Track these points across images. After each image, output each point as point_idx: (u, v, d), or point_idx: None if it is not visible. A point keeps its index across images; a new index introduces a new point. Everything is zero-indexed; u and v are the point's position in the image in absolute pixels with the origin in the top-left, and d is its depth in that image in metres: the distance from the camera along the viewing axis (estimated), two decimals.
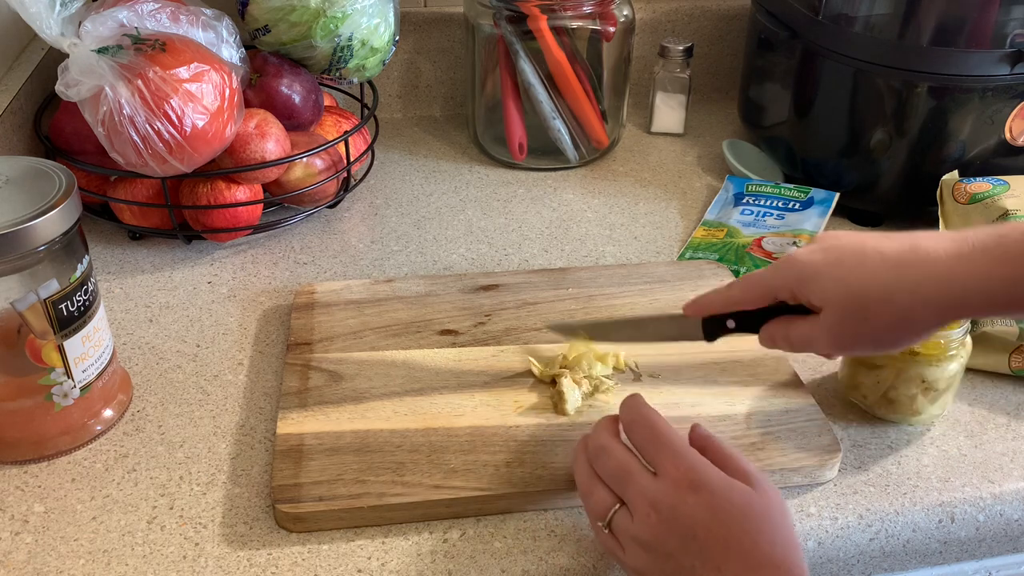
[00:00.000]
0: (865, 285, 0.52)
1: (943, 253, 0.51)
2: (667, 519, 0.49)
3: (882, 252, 0.52)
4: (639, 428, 0.54)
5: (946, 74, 0.82)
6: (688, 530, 0.48)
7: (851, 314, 0.53)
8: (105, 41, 0.75)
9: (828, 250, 0.54)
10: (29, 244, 0.55)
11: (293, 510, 0.57)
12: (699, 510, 0.49)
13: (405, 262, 0.86)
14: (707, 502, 0.49)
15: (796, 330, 0.56)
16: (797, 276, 0.55)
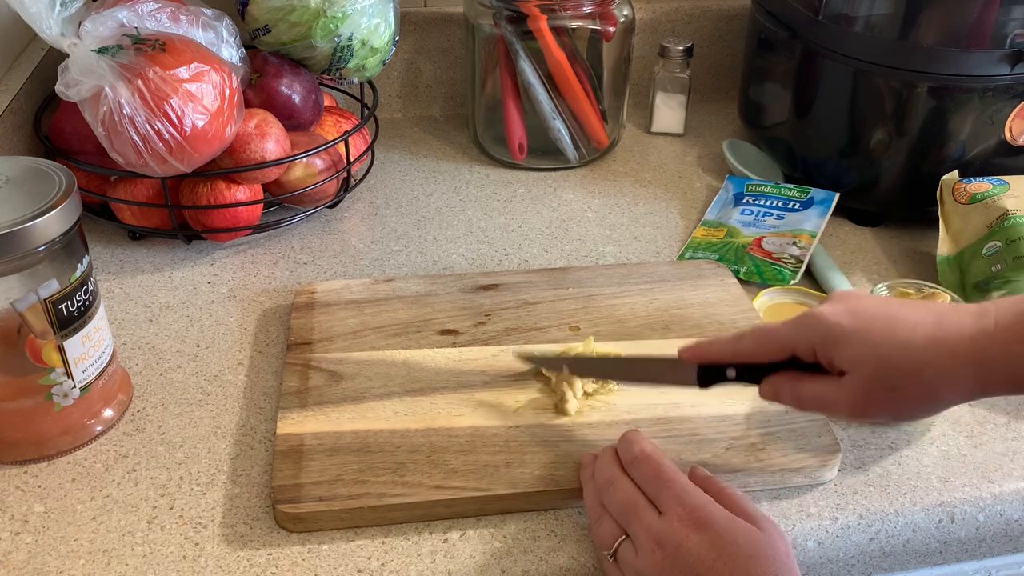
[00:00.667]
0: (896, 356, 0.51)
1: (967, 331, 0.50)
2: (671, 556, 0.50)
3: (914, 322, 0.51)
4: (641, 466, 0.55)
5: (946, 74, 0.82)
6: (692, 569, 0.49)
7: (878, 383, 0.52)
8: (105, 41, 0.75)
9: (855, 313, 0.53)
10: (29, 244, 0.55)
11: (293, 510, 0.57)
12: (703, 549, 0.49)
13: (405, 262, 0.86)
14: (712, 541, 0.49)
15: (809, 389, 0.54)
16: (823, 336, 0.53)
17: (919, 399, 0.52)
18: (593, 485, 0.57)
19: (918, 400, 0.52)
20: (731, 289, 0.78)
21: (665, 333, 0.73)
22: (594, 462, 0.58)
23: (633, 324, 0.74)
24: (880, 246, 0.90)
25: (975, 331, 0.50)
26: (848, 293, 0.55)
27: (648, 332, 0.73)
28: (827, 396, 0.53)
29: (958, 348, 0.50)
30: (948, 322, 0.51)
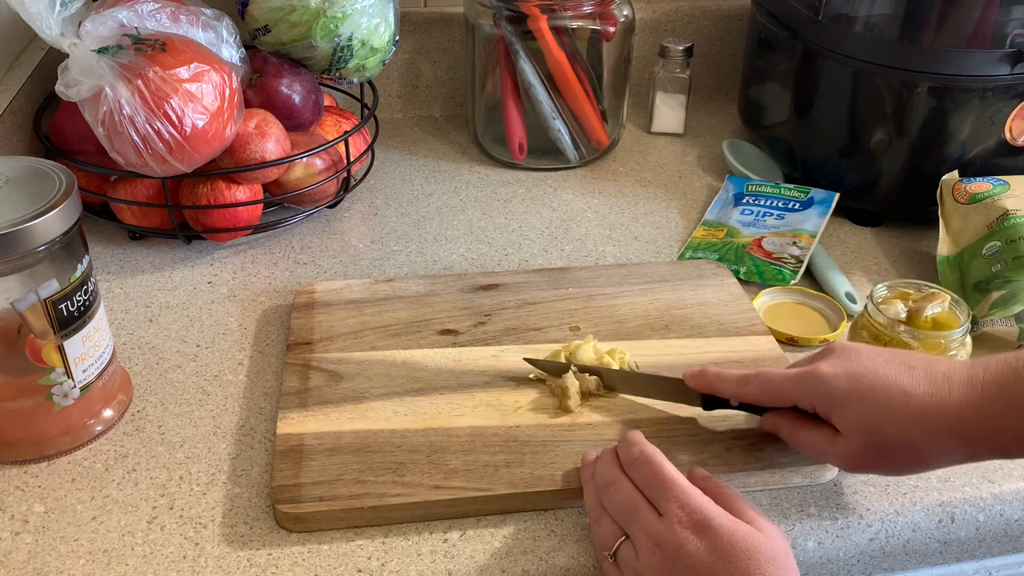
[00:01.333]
0: (889, 429, 0.53)
1: (956, 404, 0.52)
2: (671, 558, 0.50)
3: (908, 394, 0.53)
4: (641, 468, 0.55)
5: (946, 74, 0.82)
6: (691, 571, 0.49)
7: (871, 449, 0.54)
8: (105, 41, 0.75)
9: (855, 378, 0.55)
10: (29, 244, 0.55)
11: (293, 510, 0.57)
12: (703, 551, 0.49)
13: (405, 262, 0.86)
14: (711, 544, 0.49)
15: (807, 436, 0.57)
16: (823, 397, 0.56)
17: (908, 464, 0.55)
18: (593, 486, 0.57)
19: (907, 465, 0.55)
20: (731, 289, 0.78)
21: (665, 333, 0.73)
22: (594, 463, 0.58)
23: (633, 324, 0.74)
24: (880, 246, 0.90)
25: (963, 404, 0.52)
26: (849, 350, 0.57)
27: (648, 332, 0.73)
28: (822, 448, 0.57)
29: (946, 423, 0.52)
30: (938, 394, 0.53)
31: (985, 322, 0.71)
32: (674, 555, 0.50)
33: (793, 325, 0.76)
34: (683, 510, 0.51)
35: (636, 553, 0.52)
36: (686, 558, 0.49)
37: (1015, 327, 0.70)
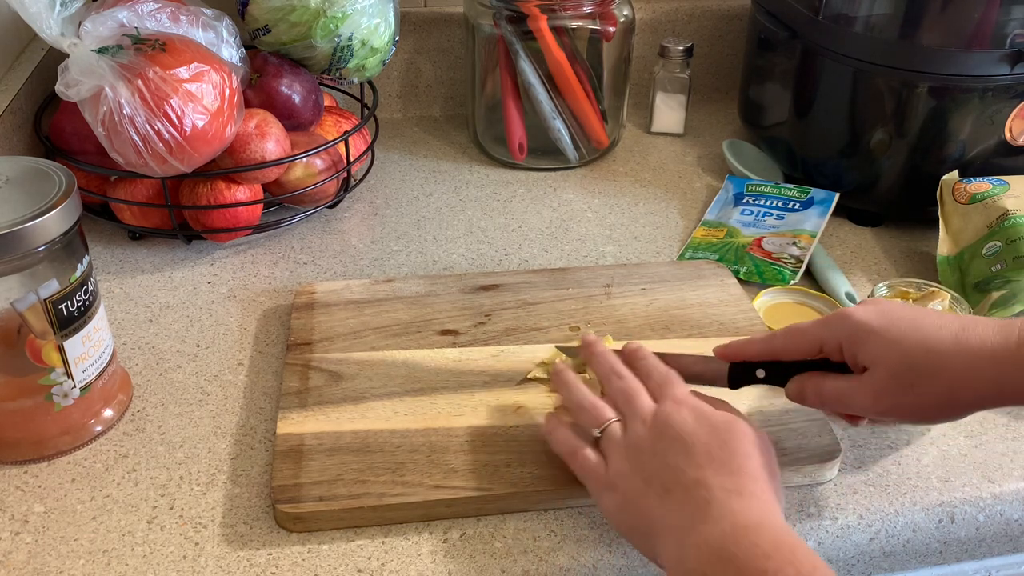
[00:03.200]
0: (918, 353, 0.53)
1: (990, 342, 0.52)
2: (660, 425, 0.54)
3: (939, 325, 0.53)
4: (646, 360, 0.60)
5: (946, 74, 0.82)
6: (678, 435, 0.53)
7: (898, 378, 0.53)
8: (105, 41, 0.75)
9: (883, 313, 0.55)
10: (29, 244, 0.55)
11: (293, 510, 0.57)
12: (691, 421, 0.54)
13: (405, 262, 0.86)
14: (698, 415, 0.54)
15: (831, 385, 0.57)
16: (850, 333, 0.55)
17: (937, 399, 0.53)
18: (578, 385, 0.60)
19: (936, 400, 0.53)
20: (731, 289, 0.78)
21: (665, 333, 0.73)
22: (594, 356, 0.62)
23: (633, 324, 0.74)
24: (880, 246, 0.90)
25: (997, 342, 0.52)
26: (880, 299, 0.58)
27: (648, 332, 0.73)
28: (848, 391, 0.56)
29: (980, 354, 0.52)
30: (972, 330, 0.53)
31: None
32: (663, 422, 0.54)
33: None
34: (679, 396, 0.56)
35: (624, 430, 0.56)
36: (674, 425, 0.53)
37: None
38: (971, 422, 0.67)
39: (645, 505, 0.52)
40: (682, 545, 0.49)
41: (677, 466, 0.52)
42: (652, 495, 0.52)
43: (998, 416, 0.68)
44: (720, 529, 0.48)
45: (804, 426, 0.64)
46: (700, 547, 0.48)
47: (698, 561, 0.48)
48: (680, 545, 0.49)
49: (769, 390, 0.66)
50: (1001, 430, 0.67)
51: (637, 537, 0.53)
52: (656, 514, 0.52)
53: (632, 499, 0.53)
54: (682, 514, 0.50)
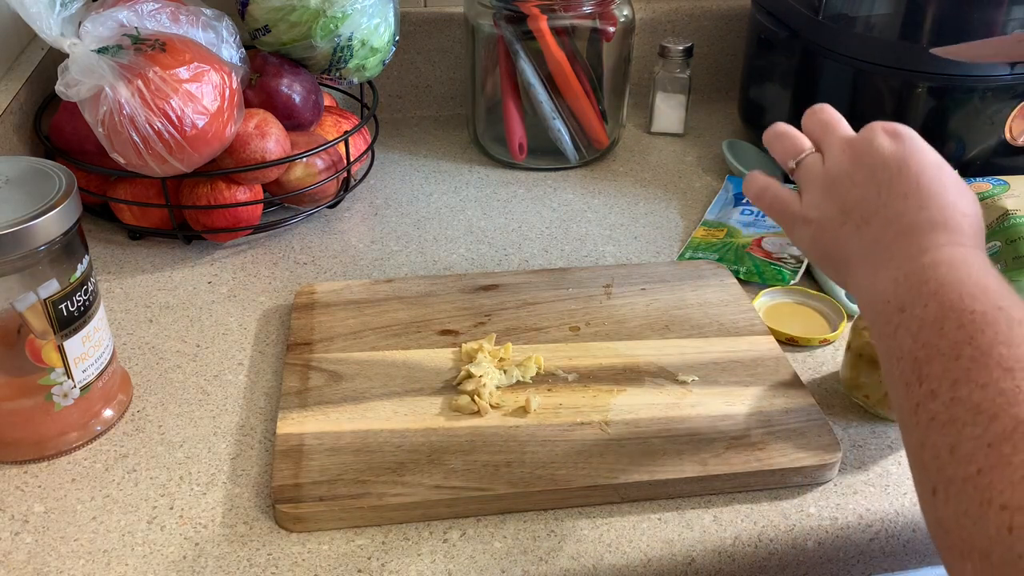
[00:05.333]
0: None
1: None
2: (862, 153, 0.53)
3: None
4: None
5: (946, 74, 0.82)
6: (882, 161, 0.52)
7: None
8: (105, 41, 0.75)
9: None
10: (29, 244, 0.55)
11: (293, 510, 0.57)
12: (895, 149, 0.52)
13: (405, 262, 0.86)
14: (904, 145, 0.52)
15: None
16: None
17: None
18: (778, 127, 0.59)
19: None
20: (731, 289, 0.78)
21: (665, 333, 0.73)
22: None
23: (633, 324, 0.74)
24: None
25: None
26: None
27: (648, 332, 0.73)
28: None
29: None
30: None
31: None
32: (866, 149, 0.52)
33: (793, 325, 0.76)
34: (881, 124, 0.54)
35: (824, 158, 0.54)
36: (877, 152, 0.52)
37: None
38: None
39: (843, 235, 0.51)
40: (876, 276, 0.48)
41: (878, 196, 0.50)
42: (850, 224, 0.51)
43: None
44: (921, 264, 0.47)
45: (804, 426, 0.64)
46: (898, 279, 0.47)
47: (894, 293, 0.46)
48: (874, 275, 0.48)
49: (768, 388, 0.67)
50: None
51: (830, 266, 0.53)
52: (853, 244, 0.51)
53: (828, 228, 0.52)
54: (879, 245, 0.49)
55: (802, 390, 0.67)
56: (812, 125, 0.58)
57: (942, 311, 0.43)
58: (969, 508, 0.37)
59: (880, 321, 0.47)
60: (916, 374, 0.43)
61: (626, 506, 0.60)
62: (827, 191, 0.53)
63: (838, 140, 0.55)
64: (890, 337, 0.45)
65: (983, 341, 0.41)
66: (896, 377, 0.44)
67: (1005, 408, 0.38)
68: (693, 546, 0.57)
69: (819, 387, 0.70)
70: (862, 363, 0.67)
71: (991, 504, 0.36)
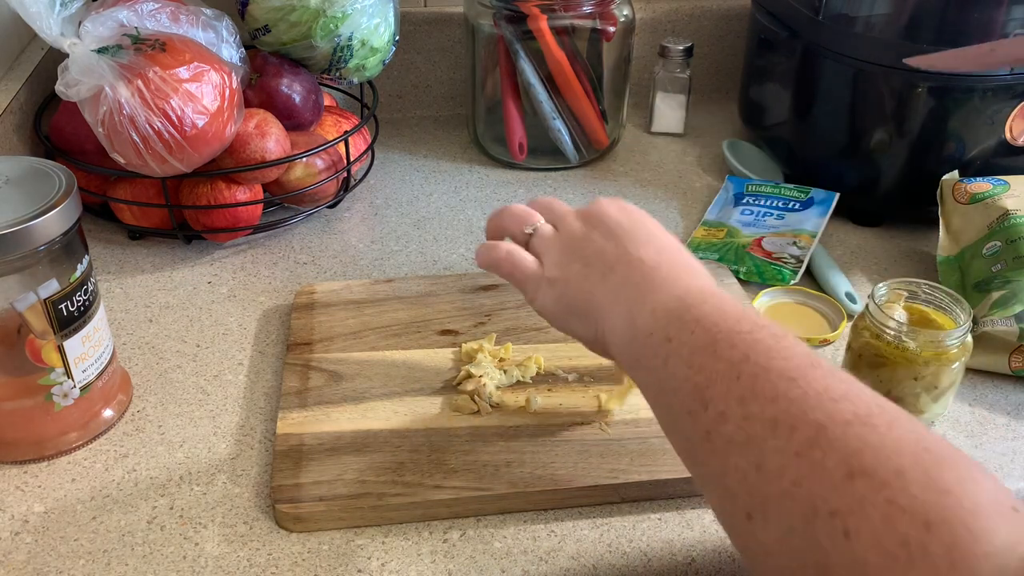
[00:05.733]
0: None
1: None
2: (592, 216, 0.56)
3: None
4: None
5: (946, 74, 0.82)
6: (614, 221, 0.55)
7: None
8: (105, 41, 0.75)
9: None
10: (29, 244, 0.55)
11: (293, 510, 0.57)
12: (624, 214, 0.56)
13: (405, 262, 0.86)
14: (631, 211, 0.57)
15: None
16: None
17: None
18: None
19: None
20: (731, 289, 0.78)
21: None
22: None
23: None
24: (880, 246, 0.90)
25: None
26: None
27: None
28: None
29: None
30: None
31: (985, 322, 0.71)
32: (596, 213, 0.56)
33: (793, 325, 0.76)
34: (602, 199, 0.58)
35: (557, 228, 0.58)
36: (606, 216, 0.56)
37: (1015, 327, 0.70)
38: (971, 422, 0.67)
39: (586, 287, 0.53)
40: (632, 314, 0.49)
41: (616, 247, 0.53)
42: (594, 275, 0.53)
43: (998, 416, 0.68)
44: (677, 296, 0.48)
45: None
46: (656, 312, 0.48)
47: (655, 325, 0.47)
48: (629, 315, 0.49)
49: None
50: (1001, 430, 0.67)
51: (577, 321, 0.54)
52: (599, 292, 0.52)
53: (572, 283, 0.54)
54: (628, 285, 0.51)
55: None
56: (536, 207, 0.61)
57: (710, 335, 0.44)
58: (794, 523, 0.36)
59: (646, 355, 0.47)
60: (699, 400, 0.42)
61: (626, 506, 0.60)
62: (565, 252, 0.56)
63: (568, 212, 0.59)
64: (660, 369, 0.45)
65: (759, 357, 0.41)
66: (676, 408, 0.44)
67: (801, 416, 0.38)
68: (693, 546, 0.57)
69: None
70: (862, 363, 0.66)
71: (818, 513, 0.35)
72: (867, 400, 0.38)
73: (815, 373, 0.40)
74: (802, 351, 0.42)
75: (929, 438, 0.36)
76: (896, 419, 0.37)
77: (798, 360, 0.41)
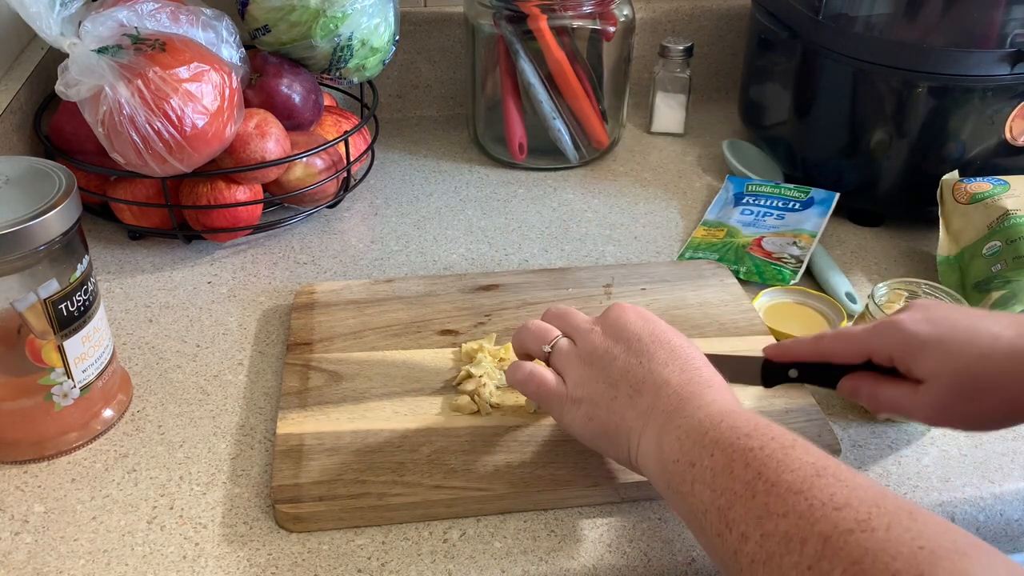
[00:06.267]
0: (975, 368, 0.51)
1: None
2: (612, 327, 0.56)
3: (994, 336, 0.52)
4: None
5: (946, 74, 0.82)
6: (633, 334, 0.55)
7: (957, 393, 0.52)
8: (105, 41, 0.75)
9: (935, 322, 0.53)
10: (29, 244, 0.55)
11: (293, 510, 0.57)
12: (642, 323, 0.56)
13: (405, 262, 0.86)
14: (647, 319, 0.57)
15: (887, 393, 0.55)
16: (901, 344, 0.54)
17: (998, 409, 0.52)
18: None
19: (997, 410, 0.52)
20: (731, 289, 0.78)
21: None
22: None
23: None
24: (880, 246, 0.90)
25: None
26: (929, 303, 0.56)
27: None
28: (904, 402, 0.55)
29: None
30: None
31: None
32: (615, 324, 0.56)
33: (793, 325, 0.76)
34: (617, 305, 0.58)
35: (575, 341, 0.58)
36: (628, 326, 0.56)
37: None
38: None
39: (615, 408, 0.53)
40: (661, 441, 0.50)
41: (640, 365, 0.53)
42: (621, 397, 0.53)
43: None
44: (697, 419, 0.49)
45: (804, 426, 0.64)
46: (681, 439, 0.49)
47: (680, 451, 0.49)
48: (659, 441, 0.50)
49: (768, 391, 0.66)
50: (1001, 430, 0.67)
51: (607, 443, 0.55)
52: (629, 416, 0.53)
53: (600, 404, 0.54)
54: (656, 411, 0.52)
55: (802, 390, 0.67)
56: (549, 317, 0.61)
57: (727, 456, 0.46)
58: None
59: (676, 482, 0.48)
60: (724, 522, 0.44)
61: (626, 506, 0.60)
62: (589, 368, 0.56)
63: (584, 322, 0.59)
64: (689, 495, 0.47)
65: (769, 473, 0.44)
66: (708, 531, 0.46)
67: (809, 529, 0.40)
68: (693, 546, 0.57)
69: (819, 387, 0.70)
70: None
71: None
72: (868, 502, 0.41)
73: (820, 483, 0.42)
74: (809, 460, 0.44)
75: (926, 532, 0.38)
76: (894, 517, 0.39)
77: (804, 471, 0.43)
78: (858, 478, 0.43)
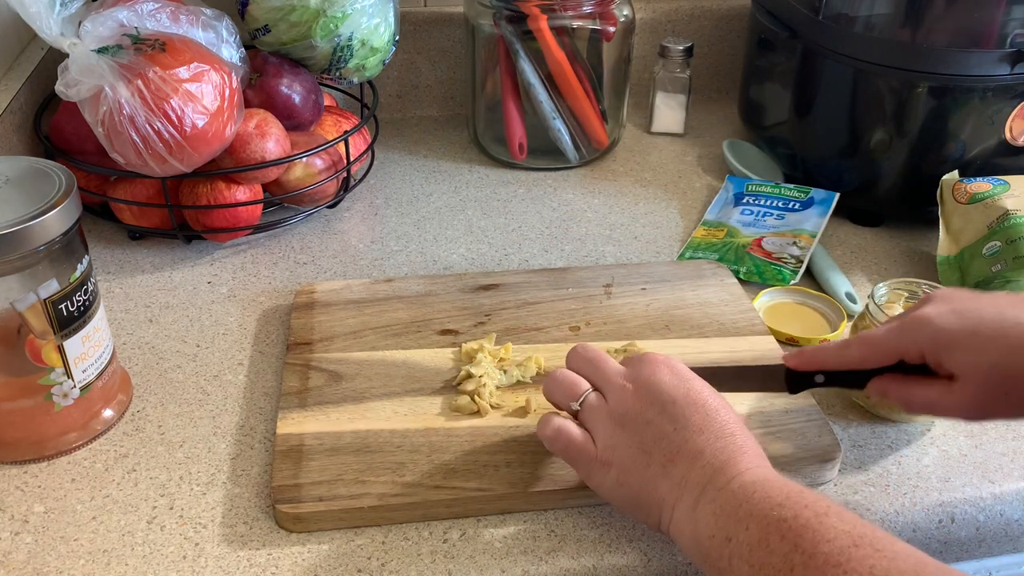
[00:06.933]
0: (1009, 361, 0.50)
1: None
2: (645, 386, 0.54)
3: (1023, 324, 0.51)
4: None
5: (946, 74, 0.82)
6: (668, 396, 0.53)
7: (991, 388, 0.51)
8: (105, 41, 0.75)
9: (963, 314, 0.52)
10: (29, 244, 0.55)
11: (293, 510, 0.57)
12: (675, 383, 0.54)
13: (405, 262, 0.86)
14: (674, 372, 0.54)
15: (919, 393, 0.55)
16: (931, 340, 0.53)
17: None
18: None
19: None
20: (731, 289, 0.78)
21: (665, 333, 0.73)
22: None
23: (633, 324, 0.74)
24: (880, 246, 0.90)
25: None
26: (951, 292, 0.55)
27: (648, 332, 0.73)
28: (938, 401, 0.54)
29: None
30: None
31: None
32: (648, 382, 0.54)
33: (793, 325, 0.76)
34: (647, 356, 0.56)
35: (605, 398, 0.55)
36: (660, 385, 0.53)
37: None
38: None
39: (648, 477, 0.52)
40: (695, 516, 0.49)
41: (675, 432, 0.52)
42: (655, 466, 0.52)
43: None
44: (731, 491, 0.48)
45: (804, 426, 0.64)
46: (716, 513, 0.48)
47: (716, 526, 0.48)
48: (693, 516, 0.49)
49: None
50: (1001, 430, 0.67)
51: (638, 510, 0.53)
52: (662, 486, 0.51)
53: (632, 471, 0.53)
54: (690, 482, 0.50)
55: None
56: (579, 363, 0.58)
57: (762, 529, 0.46)
58: None
59: (713, 557, 0.48)
60: None
61: None
62: (620, 431, 0.54)
63: (615, 375, 0.56)
64: (727, 571, 0.47)
65: (806, 545, 0.44)
66: None
67: None
68: None
69: None
70: None
71: None
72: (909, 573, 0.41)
73: (858, 553, 0.42)
74: (844, 528, 0.44)
75: None
76: None
77: (840, 541, 0.43)
78: (896, 545, 0.42)
